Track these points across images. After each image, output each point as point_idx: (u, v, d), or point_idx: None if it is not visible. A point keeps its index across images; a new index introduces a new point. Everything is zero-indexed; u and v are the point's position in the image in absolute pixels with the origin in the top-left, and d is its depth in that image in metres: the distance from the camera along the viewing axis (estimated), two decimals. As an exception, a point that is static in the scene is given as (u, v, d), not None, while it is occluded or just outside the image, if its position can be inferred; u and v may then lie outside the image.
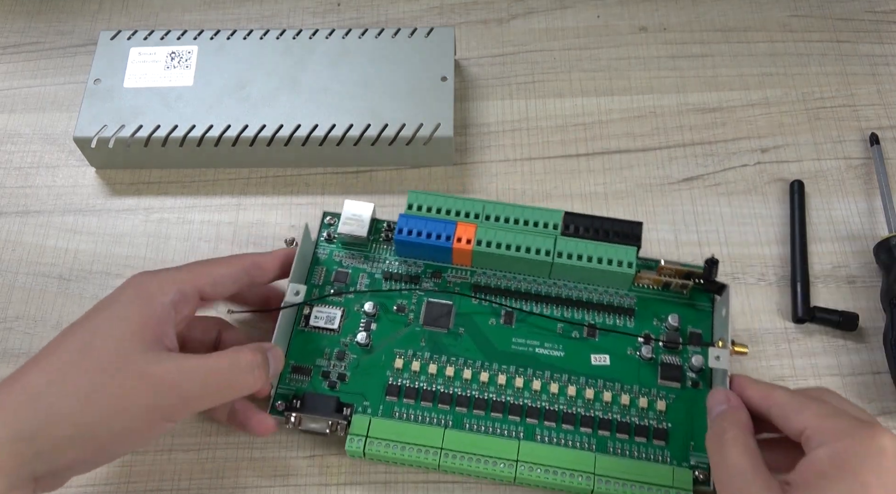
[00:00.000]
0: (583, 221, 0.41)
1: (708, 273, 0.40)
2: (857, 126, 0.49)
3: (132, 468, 0.40)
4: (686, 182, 0.47)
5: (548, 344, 0.40)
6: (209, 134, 0.46)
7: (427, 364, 0.40)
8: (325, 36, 0.49)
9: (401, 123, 0.46)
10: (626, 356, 0.40)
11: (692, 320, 0.41)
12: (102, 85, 0.48)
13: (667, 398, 0.39)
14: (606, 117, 0.50)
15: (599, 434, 0.38)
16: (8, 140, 0.51)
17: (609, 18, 0.54)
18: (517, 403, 0.39)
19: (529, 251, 0.40)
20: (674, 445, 0.38)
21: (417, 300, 0.42)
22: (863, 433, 0.29)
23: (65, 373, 0.32)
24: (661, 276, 0.41)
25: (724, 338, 0.38)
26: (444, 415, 0.39)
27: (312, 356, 0.40)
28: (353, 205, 0.43)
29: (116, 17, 0.55)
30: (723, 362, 0.37)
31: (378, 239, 0.43)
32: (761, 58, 0.51)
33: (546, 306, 0.41)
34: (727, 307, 0.39)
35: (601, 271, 0.40)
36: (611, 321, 0.41)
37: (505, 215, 0.42)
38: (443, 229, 0.41)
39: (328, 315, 0.41)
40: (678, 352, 0.40)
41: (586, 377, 0.39)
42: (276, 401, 0.39)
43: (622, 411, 0.38)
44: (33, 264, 0.46)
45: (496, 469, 0.36)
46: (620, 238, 0.41)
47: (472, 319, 0.41)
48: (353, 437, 0.37)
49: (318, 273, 0.42)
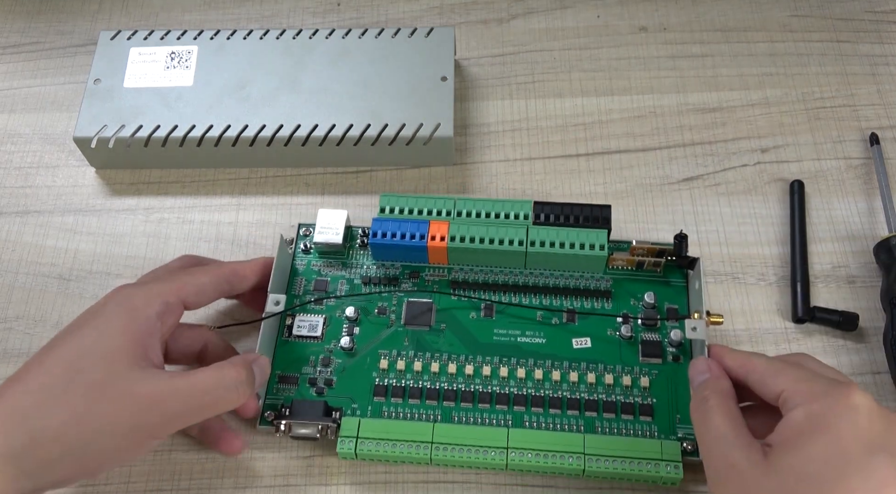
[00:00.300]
0: (553, 209, 0.42)
1: (678, 249, 0.41)
2: (857, 126, 0.49)
3: (132, 468, 0.40)
4: (686, 182, 0.47)
5: (529, 333, 0.41)
6: (209, 134, 0.46)
7: (412, 363, 0.40)
8: (325, 36, 0.49)
9: (401, 123, 0.46)
10: (607, 337, 0.41)
11: (668, 296, 0.42)
12: (102, 85, 0.48)
13: (649, 375, 0.40)
14: (606, 117, 0.50)
15: (587, 415, 0.39)
16: (8, 140, 0.51)
17: (609, 18, 0.54)
18: (503, 392, 0.39)
19: (503, 243, 0.41)
20: (660, 419, 0.38)
21: (398, 301, 0.42)
22: (837, 392, 0.30)
23: (52, 393, 0.32)
24: (633, 256, 0.41)
25: (699, 310, 0.39)
26: (432, 410, 0.39)
27: (298, 365, 0.41)
28: (326, 214, 0.43)
29: (116, 17, 0.55)
30: (700, 332, 0.38)
31: (354, 246, 0.44)
32: (761, 58, 0.51)
33: (524, 295, 0.42)
34: (700, 280, 0.40)
35: (574, 256, 0.41)
36: (588, 304, 0.42)
37: (476, 209, 0.42)
38: (416, 229, 0.41)
39: (311, 323, 0.41)
40: (657, 329, 0.41)
41: (569, 361, 0.40)
42: (265, 412, 0.39)
43: (607, 390, 0.39)
44: (33, 264, 0.46)
45: (488, 458, 0.37)
46: (591, 222, 0.42)
47: (452, 314, 0.42)
48: (344, 439, 0.37)
49: (297, 284, 0.43)
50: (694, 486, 0.38)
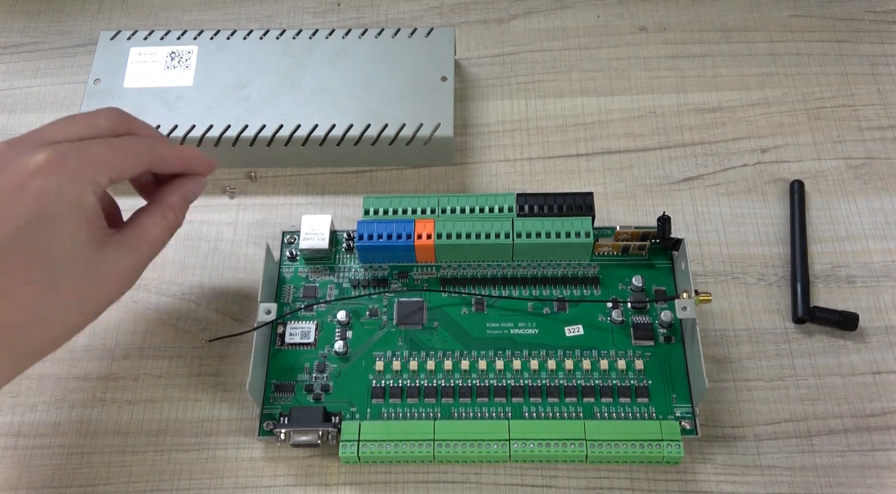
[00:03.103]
0: (536, 199, 0.42)
1: (662, 231, 0.41)
2: (857, 126, 0.49)
3: (132, 468, 0.40)
4: (686, 182, 0.47)
5: (521, 324, 0.41)
6: (209, 134, 0.46)
7: (407, 362, 0.40)
8: (325, 36, 0.49)
9: (401, 123, 0.46)
10: (598, 322, 0.41)
11: (655, 278, 0.42)
12: (102, 85, 0.48)
13: (643, 357, 0.40)
14: (606, 117, 0.50)
15: (585, 402, 0.39)
16: (8, 140, 0.50)
17: (609, 18, 0.54)
18: (501, 385, 0.39)
19: (489, 237, 0.41)
20: (656, 400, 0.39)
21: (388, 302, 0.42)
22: None
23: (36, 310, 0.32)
24: (618, 241, 0.42)
25: (687, 289, 0.39)
26: (431, 408, 0.39)
27: (293, 373, 0.41)
28: (310, 220, 0.43)
29: (116, 17, 0.55)
30: (689, 311, 0.39)
31: (340, 249, 0.44)
32: (761, 58, 0.51)
33: (514, 287, 0.42)
34: (686, 261, 0.40)
35: (560, 245, 0.41)
36: (578, 292, 0.42)
37: (460, 205, 0.43)
38: (402, 229, 0.42)
39: (303, 330, 0.41)
40: (646, 311, 0.41)
41: (563, 350, 0.40)
42: (264, 422, 0.39)
43: (603, 376, 0.40)
44: (33, 264, 0.46)
45: (490, 452, 0.37)
46: (574, 210, 0.42)
47: (444, 312, 0.42)
48: (346, 443, 0.37)
49: (286, 292, 0.43)
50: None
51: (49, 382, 0.42)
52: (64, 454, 0.40)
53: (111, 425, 0.41)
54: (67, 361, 0.43)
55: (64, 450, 0.40)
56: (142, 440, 0.40)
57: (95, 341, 0.43)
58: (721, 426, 0.39)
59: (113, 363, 0.43)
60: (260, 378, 0.40)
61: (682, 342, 0.41)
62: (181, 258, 0.46)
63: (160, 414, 0.41)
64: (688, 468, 0.38)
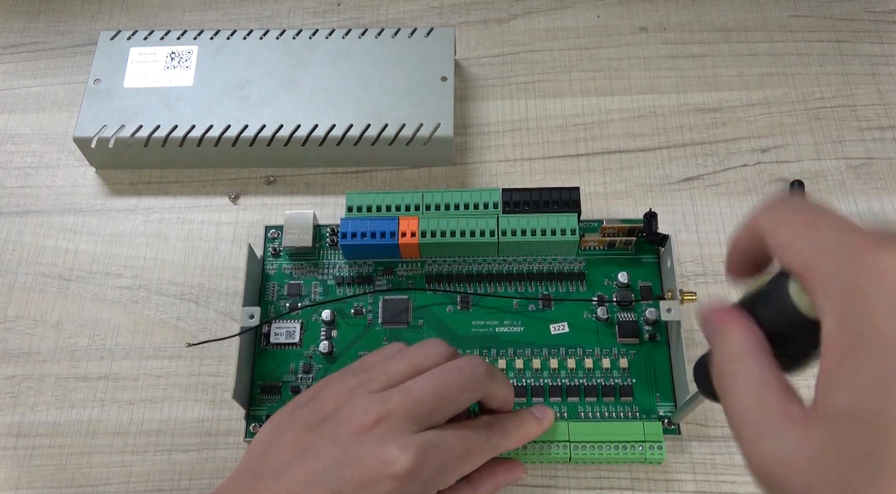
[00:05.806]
0: (521, 195, 0.42)
1: (649, 226, 0.41)
2: (857, 126, 0.48)
3: (132, 468, 0.40)
4: (686, 182, 0.47)
5: (506, 322, 0.41)
6: (209, 134, 0.46)
7: None
8: (325, 36, 0.49)
9: (401, 123, 0.46)
10: (584, 320, 0.41)
11: (640, 274, 0.42)
12: (102, 85, 0.48)
13: (627, 356, 0.40)
14: (606, 117, 0.50)
15: (569, 401, 0.39)
16: (8, 140, 0.51)
17: (609, 18, 0.54)
18: None
19: (474, 234, 0.41)
20: (640, 399, 0.39)
21: (374, 300, 0.42)
22: (854, 267, 0.20)
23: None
24: (604, 236, 0.42)
25: (672, 289, 0.39)
26: None
27: (279, 374, 0.41)
28: (293, 215, 0.43)
29: (116, 17, 0.55)
30: (674, 313, 0.39)
31: (324, 245, 0.44)
32: (761, 58, 0.51)
33: (499, 284, 0.42)
34: (671, 257, 0.40)
35: (546, 242, 0.41)
36: (563, 288, 0.42)
37: (444, 201, 0.42)
38: (386, 227, 0.41)
39: (287, 330, 0.41)
40: (632, 308, 0.41)
41: (548, 348, 0.40)
42: (251, 424, 0.39)
43: (587, 374, 0.40)
44: (33, 264, 0.46)
45: None
46: (560, 206, 0.42)
47: (429, 310, 0.42)
48: None
49: (270, 289, 0.43)
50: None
51: (49, 382, 0.42)
52: (64, 454, 0.40)
53: (111, 425, 0.41)
54: (67, 361, 0.43)
55: (64, 450, 0.40)
56: (142, 440, 0.40)
57: (95, 341, 0.43)
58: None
59: (113, 363, 0.43)
60: (246, 382, 0.40)
61: (667, 342, 0.40)
62: (181, 258, 0.46)
63: (160, 414, 0.41)
64: (688, 468, 0.38)
